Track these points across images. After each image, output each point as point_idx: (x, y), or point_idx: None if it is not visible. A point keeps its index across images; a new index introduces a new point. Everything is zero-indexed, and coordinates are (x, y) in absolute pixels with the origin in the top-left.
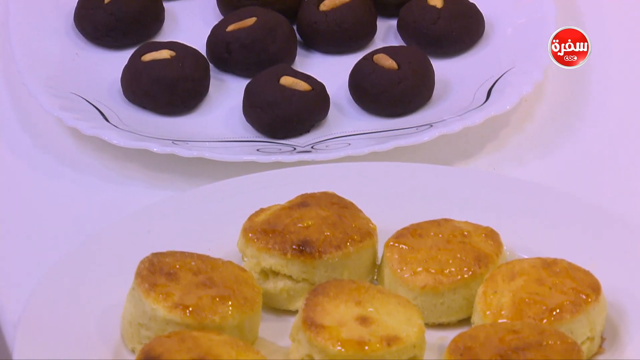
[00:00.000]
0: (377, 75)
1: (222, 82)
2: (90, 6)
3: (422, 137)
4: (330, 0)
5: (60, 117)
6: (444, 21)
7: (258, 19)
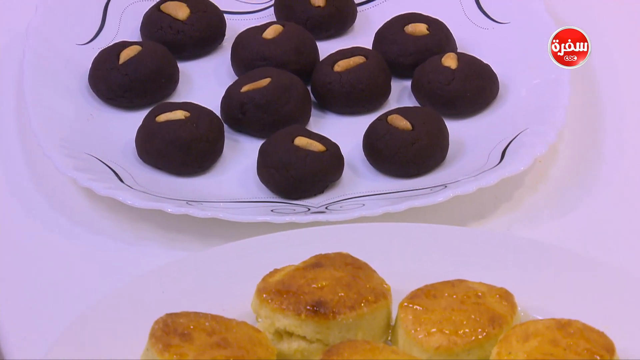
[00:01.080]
0: (392, 136)
1: (237, 143)
2: (104, 67)
3: (436, 198)
4: (344, 61)
5: (75, 177)
6: (458, 82)
7: (272, 79)
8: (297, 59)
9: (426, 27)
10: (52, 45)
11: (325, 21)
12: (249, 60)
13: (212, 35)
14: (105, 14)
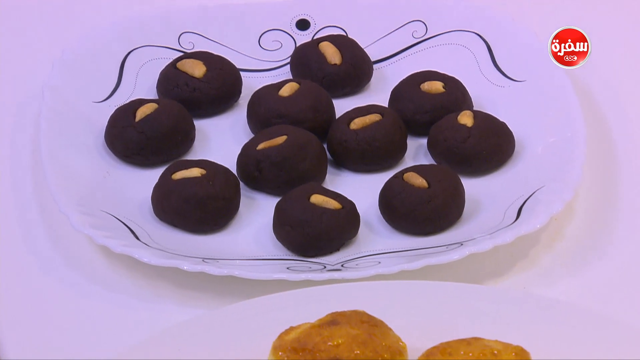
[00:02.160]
0: (407, 193)
1: (253, 200)
2: (120, 124)
3: (452, 256)
4: (360, 119)
5: (91, 235)
6: (474, 140)
7: (289, 137)
8: (313, 117)
9: (442, 85)
10: (69, 103)
11: (341, 79)
12: (265, 118)
13: (229, 92)
14: (121, 72)
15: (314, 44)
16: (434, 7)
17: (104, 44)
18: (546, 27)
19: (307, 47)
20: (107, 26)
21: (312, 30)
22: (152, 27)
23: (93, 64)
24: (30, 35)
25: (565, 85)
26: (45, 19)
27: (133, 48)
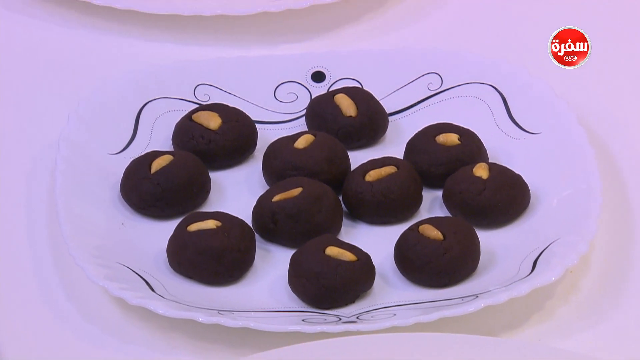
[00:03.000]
0: (423, 245)
1: (268, 252)
2: (136, 176)
3: (467, 308)
4: (375, 171)
5: (106, 286)
6: (490, 192)
7: (304, 189)
8: (328, 169)
9: (457, 137)
10: (84, 155)
11: (356, 131)
12: (280, 170)
13: (244, 145)
14: (137, 124)
15: (329, 96)
16: (449, 59)
17: (120, 95)
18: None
19: (323, 99)
20: (123, 78)
21: (327, 82)
22: (167, 79)
23: (109, 116)
24: (46, 87)
25: (580, 137)
26: (61, 71)
27: (149, 100)
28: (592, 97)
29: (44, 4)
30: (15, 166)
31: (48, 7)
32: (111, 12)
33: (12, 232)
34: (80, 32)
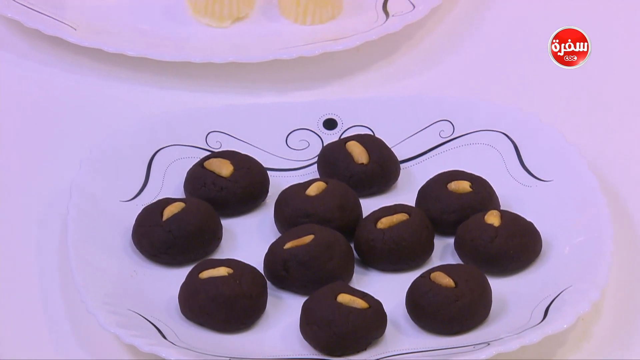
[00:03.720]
0: (434, 293)
1: (280, 299)
2: (148, 224)
3: (479, 355)
4: (387, 219)
5: (118, 334)
6: (501, 240)
7: (316, 236)
8: (340, 216)
9: (469, 185)
10: (96, 202)
11: (368, 178)
12: (292, 217)
13: (256, 192)
14: (149, 171)
15: (341, 143)
16: (461, 107)
17: (132, 143)
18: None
19: (335, 147)
20: (135, 125)
21: (339, 129)
22: (179, 126)
23: (121, 163)
24: (58, 134)
25: (591, 185)
26: (73, 118)
27: (160, 147)
28: (603, 142)
29: (57, 51)
30: (27, 213)
31: (60, 53)
32: (123, 59)
33: (24, 279)
34: (92, 79)
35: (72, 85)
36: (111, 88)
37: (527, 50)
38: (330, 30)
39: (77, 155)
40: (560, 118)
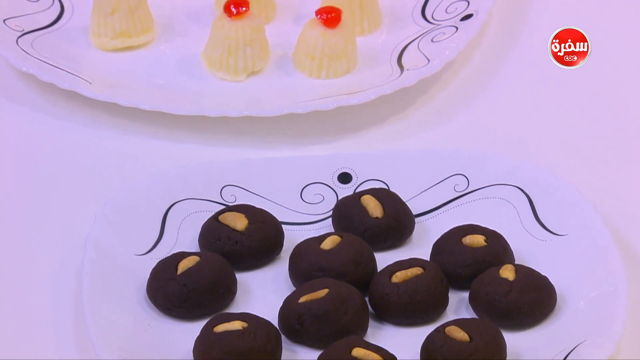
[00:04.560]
0: (449, 347)
1: (294, 353)
2: (162, 277)
3: None
4: (402, 272)
5: None
6: (516, 294)
7: (330, 290)
8: (354, 270)
9: (484, 239)
10: (111, 256)
11: (383, 232)
12: (306, 271)
13: (270, 246)
14: (163, 225)
15: (355, 197)
16: (476, 161)
17: (146, 196)
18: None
19: (349, 201)
20: (149, 179)
21: (353, 183)
22: (194, 180)
23: (135, 216)
24: (72, 187)
25: (606, 239)
26: (88, 172)
27: (175, 201)
28: (618, 196)
29: (71, 105)
30: (42, 267)
31: (75, 107)
32: (138, 112)
33: (39, 332)
34: (107, 133)
35: (87, 138)
36: (126, 141)
37: (543, 105)
38: (345, 83)
39: (92, 209)
40: (575, 171)
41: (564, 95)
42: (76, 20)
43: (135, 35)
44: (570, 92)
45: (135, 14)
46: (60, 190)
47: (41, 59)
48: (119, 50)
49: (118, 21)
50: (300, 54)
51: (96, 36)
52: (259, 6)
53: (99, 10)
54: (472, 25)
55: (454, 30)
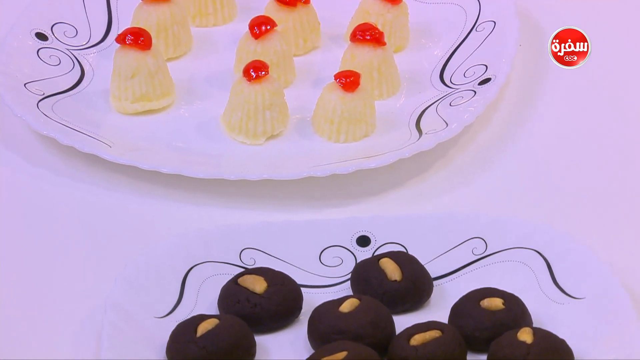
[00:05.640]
0: None
1: None
2: (182, 340)
3: None
4: (420, 335)
5: None
6: (534, 357)
7: (349, 353)
8: (373, 333)
9: (502, 302)
10: (131, 318)
11: (401, 295)
12: (325, 334)
13: (289, 309)
14: (183, 287)
15: (374, 260)
16: (494, 224)
17: (166, 259)
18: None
19: (368, 264)
20: (169, 242)
21: (372, 246)
22: (213, 243)
23: (155, 279)
24: (92, 250)
25: (623, 302)
26: (108, 234)
27: (195, 264)
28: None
29: (91, 168)
30: (63, 328)
31: (95, 171)
32: (158, 176)
33: None
34: (126, 196)
35: (107, 201)
36: (146, 204)
37: (560, 168)
38: (363, 147)
39: (112, 271)
40: (592, 234)
41: (583, 156)
42: (96, 84)
43: (155, 98)
44: (589, 153)
45: (155, 78)
46: (80, 252)
47: (61, 123)
48: (139, 113)
49: (138, 85)
50: (319, 117)
51: (116, 99)
52: (278, 70)
53: (119, 74)
54: (491, 89)
55: (472, 94)
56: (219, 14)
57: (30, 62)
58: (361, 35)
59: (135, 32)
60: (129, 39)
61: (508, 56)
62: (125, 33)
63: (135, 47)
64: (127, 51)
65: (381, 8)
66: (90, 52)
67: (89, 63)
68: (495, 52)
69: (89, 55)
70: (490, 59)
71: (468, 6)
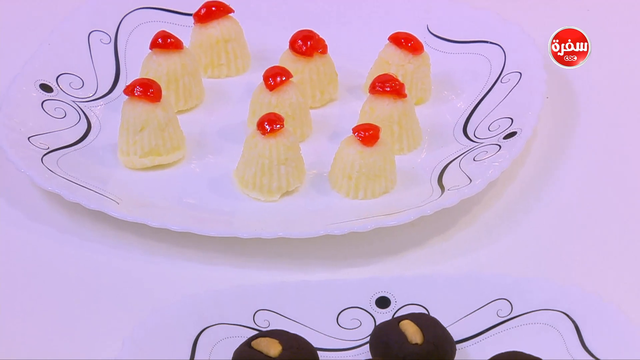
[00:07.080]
0: None
1: None
2: None
3: None
4: None
5: None
6: None
7: None
8: None
9: None
10: None
11: (423, 359)
12: None
13: None
14: (194, 351)
15: (394, 322)
16: (519, 285)
17: (176, 321)
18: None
19: (388, 326)
20: (179, 302)
21: (392, 308)
22: (226, 305)
23: (165, 342)
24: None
25: None
26: (116, 294)
27: (206, 326)
28: None
29: (98, 226)
30: None
31: (102, 228)
32: (167, 234)
33: None
34: (134, 255)
35: (115, 260)
36: (155, 264)
37: (588, 226)
38: (383, 204)
39: (120, 334)
40: (621, 295)
41: (612, 214)
42: (103, 138)
43: (165, 153)
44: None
45: (165, 132)
46: (87, 314)
47: (67, 178)
48: (149, 168)
49: (147, 138)
50: (337, 173)
51: (124, 154)
52: (294, 123)
53: (128, 127)
54: (516, 144)
55: (497, 148)
56: (232, 65)
57: (34, 115)
58: (381, 86)
59: (145, 83)
60: (138, 90)
61: (535, 109)
62: (134, 84)
63: (145, 99)
64: (135, 103)
65: (402, 58)
66: (97, 104)
67: (95, 115)
68: (521, 104)
69: (96, 108)
70: (516, 111)
71: (493, 56)
